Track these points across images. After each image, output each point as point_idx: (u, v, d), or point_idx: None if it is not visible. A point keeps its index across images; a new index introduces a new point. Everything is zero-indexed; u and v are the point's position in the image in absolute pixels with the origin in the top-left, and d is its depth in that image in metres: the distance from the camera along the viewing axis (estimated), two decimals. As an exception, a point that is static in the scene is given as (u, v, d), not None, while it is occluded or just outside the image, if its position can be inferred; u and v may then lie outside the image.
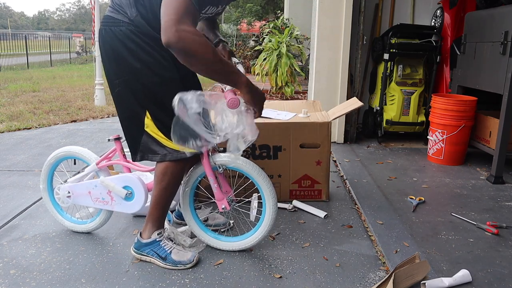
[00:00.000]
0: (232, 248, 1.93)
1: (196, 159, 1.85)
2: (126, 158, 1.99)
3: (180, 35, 1.35)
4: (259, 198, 1.88)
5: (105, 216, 2.05)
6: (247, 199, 2.14)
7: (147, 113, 1.70)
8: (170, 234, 1.93)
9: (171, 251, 1.81)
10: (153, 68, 1.64)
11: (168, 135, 1.69)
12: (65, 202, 2.04)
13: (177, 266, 1.78)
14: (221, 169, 1.84)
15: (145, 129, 1.72)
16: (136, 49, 1.59)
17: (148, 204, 1.86)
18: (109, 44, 1.64)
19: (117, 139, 1.98)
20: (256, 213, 1.90)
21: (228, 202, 1.87)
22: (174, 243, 1.88)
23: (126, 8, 1.60)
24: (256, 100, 1.59)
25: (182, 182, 1.90)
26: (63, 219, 2.14)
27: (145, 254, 1.83)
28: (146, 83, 1.65)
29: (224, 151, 1.85)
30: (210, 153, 1.84)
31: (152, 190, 1.87)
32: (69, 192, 2.02)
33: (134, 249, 1.87)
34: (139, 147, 1.76)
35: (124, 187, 1.89)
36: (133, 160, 1.82)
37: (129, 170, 1.98)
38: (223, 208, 1.87)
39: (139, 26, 1.60)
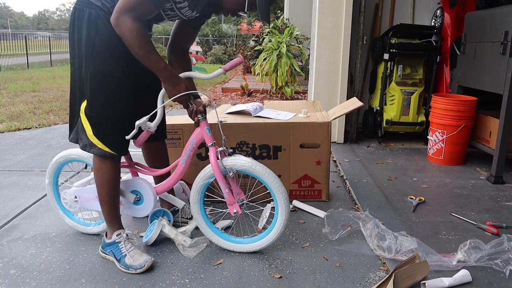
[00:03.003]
0: (244, 250, 1.92)
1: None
2: (132, 161, 1.98)
3: (118, 23, 1.54)
4: (272, 209, 1.85)
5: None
6: (258, 201, 2.10)
7: (85, 101, 1.70)
8: (131, 236, 1.91)
9: (125, 254, 1.79)
10: (103, 56, 1.65)
11: (93, 129, 1.71)
12: (73, 207, 2.04)
13: (129, 270, 1.76)
14: (231, 173, 1.79)
15: (80, 114, 1.73)
16: (95, 34, 1.61)
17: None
18: (76, 23, 1.66)
19: None
20: (266, 223, 1.86)
21: (239, 205, 1.84)
22: (132, 245, 1.84)
23: None
24: (169, 91, 1.70)
25: (193, 184, 1.87)
26: (72, 221, 2.12)
27: (107, 253, 1.85)
28: (91, 71, 1.66)
29: (233, 153, 1.81)
30: (219, 157, 1.78)
31: (160, 193, 1.88)
32: (76, 197, 2.01)
33: (100, 247, 1.90)
34: (74, 127, 1.78)
35: (132, 192, 1.88)
36: (69, 139, 1.82)
37: (136, 174, 1.97)
38: (235, 213, 1.84)
39: (108, 14, 1.61)
